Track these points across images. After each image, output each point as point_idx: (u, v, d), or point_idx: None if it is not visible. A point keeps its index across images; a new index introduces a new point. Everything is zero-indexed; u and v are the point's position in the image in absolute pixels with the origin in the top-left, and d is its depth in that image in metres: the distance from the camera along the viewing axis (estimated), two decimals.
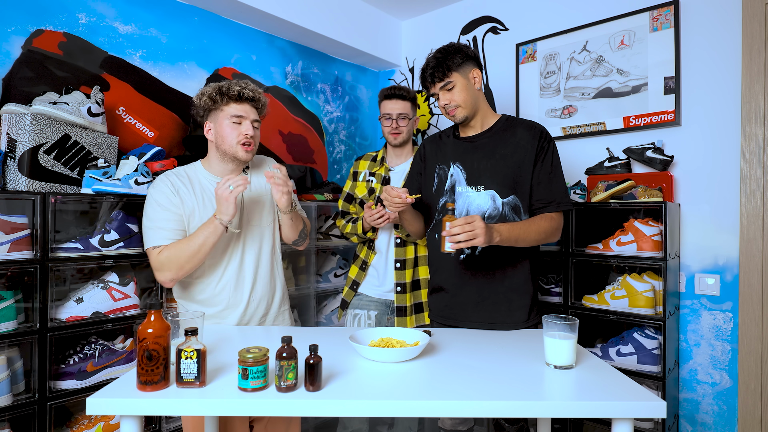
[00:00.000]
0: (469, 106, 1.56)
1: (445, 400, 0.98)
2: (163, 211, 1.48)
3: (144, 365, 0.99)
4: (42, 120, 1.61)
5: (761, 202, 1.93)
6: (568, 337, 1.15)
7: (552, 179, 1.54)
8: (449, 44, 1.59)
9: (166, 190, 1.50)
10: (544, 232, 1.49)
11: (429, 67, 1.56)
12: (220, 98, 1.52)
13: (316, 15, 2.64)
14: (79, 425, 1.67)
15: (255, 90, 1.56)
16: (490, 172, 1.55)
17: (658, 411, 0.96)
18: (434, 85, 1.56)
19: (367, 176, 2.11)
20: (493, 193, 1.54)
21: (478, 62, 1.59)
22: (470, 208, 1.57)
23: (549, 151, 1.54)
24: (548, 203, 1.53)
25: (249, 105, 1.55)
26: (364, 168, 2.13)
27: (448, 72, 1.53)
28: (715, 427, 2.04)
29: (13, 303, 1.51)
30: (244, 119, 1.53)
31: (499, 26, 2.76)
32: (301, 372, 1.05)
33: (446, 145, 1.67)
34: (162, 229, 1.47)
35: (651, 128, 2.20)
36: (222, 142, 1.53)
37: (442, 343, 1.37)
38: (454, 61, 1.53)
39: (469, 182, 1.58)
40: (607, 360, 2.00)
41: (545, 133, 1.56)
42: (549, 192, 1.53)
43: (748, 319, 1.93)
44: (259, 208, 1.64)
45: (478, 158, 1.58)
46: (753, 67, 1.94)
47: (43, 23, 1.86)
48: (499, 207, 1.54)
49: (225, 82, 1.56)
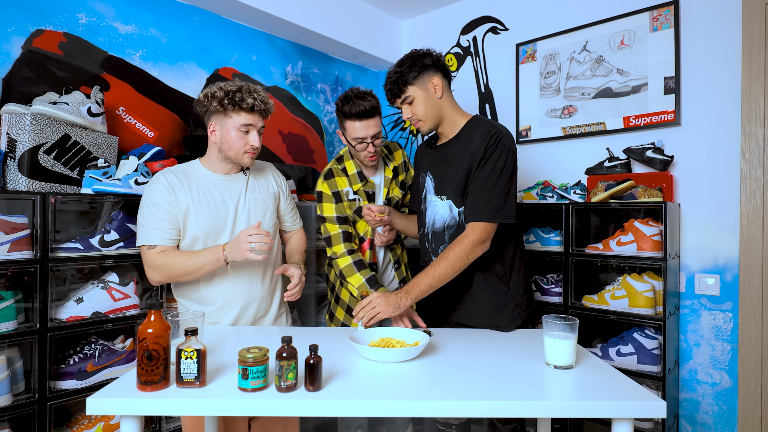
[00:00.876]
0: (430, 118, 1.54)
1: (445, 400, 0.98)
2: (157, 209, 1.49)
3: (144, 365, 0.99)
4: (42, 120, 1.61)
5: (761, 202, 1.93)
6: (568, 337, 1.15)
7: (483, 187, 1.44)
8: (408, 54, 1.53)
9: (161, 188, 1.50)
10: (459, 260, 1.42)
11: (387, 83, 1.54)
12: (231, 107, 1.49)
13: (316, 15, 2.64)
14: (79, 425, 1.66)
15: (266, 101, 1.55)
16: (450, 182, 1.54)
17: (658, 411, 0.96)
18: (395, 101, 1.56)
19: (351, 194, 1.81)
20: (450, 202, 1.54)
21: (440, 68, 1.53)
22: (435, 217, 1.59)
23: (492, 158, 1.44)
24: (470, 214, 1.46)
25: (258, 114, 1.54)
26: (343, 186, 1.80)
27: (404, 87, 1.51)
28: (715, 427, 2.04)
29: (13, 303, 1.51)
30: (252, 128, 1.53)
31: (499, 26, 2.76)
32: (301, 372, 1.05)
33: (426, 154, 1.69)
34: (155, 229, 1.48)
35: (651, 128, 2.20)
36: (228, 148, 1.53)
37: (442, 343, 1.37)
38: (410, 74, 1.49)
39: (436, 192, 1.59)
40: (607, 360, 2.00)
41: (495, 138, 1.45)
42: (476, 199, 1.45)
43: (748, 319, 1.93)
44: (261, 210, 1.64)
45: (444, 167, 1.57)
46: (753, 67, 1.94)
47: (43, 23, 1.86)
48: (456, 216, 1.54)
49: (234, 85, 1.51)
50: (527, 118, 2.61)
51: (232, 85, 1.51)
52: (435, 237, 1.60)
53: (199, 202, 1.53)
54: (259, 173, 1.70)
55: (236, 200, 1.59)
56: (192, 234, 1.52)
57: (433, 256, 1.60)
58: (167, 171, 1.56)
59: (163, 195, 1.50)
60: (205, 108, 1.53)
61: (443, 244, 1.57)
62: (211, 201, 1.55)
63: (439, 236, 1.58)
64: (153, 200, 1.49)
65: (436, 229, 1.59)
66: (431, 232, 1.60)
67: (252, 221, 1.61)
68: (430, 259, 1.60)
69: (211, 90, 1.52)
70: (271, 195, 1.69)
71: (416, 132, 3.14)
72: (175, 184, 1.52)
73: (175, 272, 1.47)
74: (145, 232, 1.49)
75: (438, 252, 1.58)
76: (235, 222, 1.58)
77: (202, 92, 1.55)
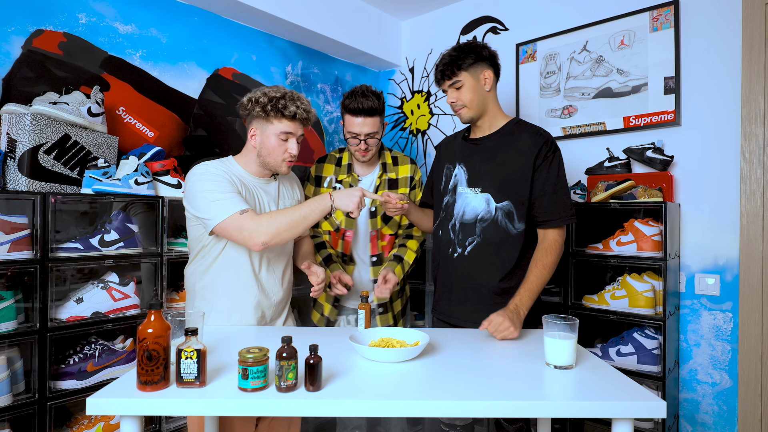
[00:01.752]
0: (474, 107, 1.57)
1: (445, 400, 0.98)
2: (225, 182, 1.45)
3: (144, 365, 0.99)
4: (42, 120, 1.61)
5: (761, 202, 1.93)
6: (568, 337, 1.15)
7: (557, 191, 1.51)
8: (466, 42, 1.59)
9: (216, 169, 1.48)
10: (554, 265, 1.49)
11: (440, 64, 1.58)
12: (274, 113, 1.49)
13: (316, 15, 2.64)
14: (79, 425, 1.67)
15: (308, 110, 1.54)
16: (488, 175, 1.56)
17: (658, 411, 0.96)
18: (444, 82, 1.59)
19: (333, 182, 1.91)
20: (488, 196, 1.55)
21: (493, 63, 1.58)
22: (466, 209, 1.59)
23: (554, 162, 1.52)
24: (551, 218, 1.51)
25: (299, 123, 1.54)
26: (329, 173, 1.94)
27: (458, 71, 1.55)
28: (715, 427, 2.04)
29: (13, 303, 1.51)
30: (291, 136, 1.53)
31: (499, 26, 2.76)
32: (301, 372, 1.05)
33: (456, 145, 1.70)
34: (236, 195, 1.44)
35: (651, 128, 2.20)
36: (267, 155, 1.53)
37: (442, 343, 1.37)
38: (466, 61, 1.54)
39: (469, 183, 1.59)
40: (607, 360, 2.00)
41: (550, 141, 1.53)
42: (554, 204, 1.51)
43: (748, 319, 1.93)
44: None
45: (480, 160, 1.59)
46: (753, 67, 1.94)
47: (43, 23, 1.86)
48: (492, 211, 1.55)
49: (278, 91, 1.51)
50: (527, 118, 2.59)
51: (277, 92, 1.50)
52: (463, 228, 1.60)
53: (249, 198, 1.52)
54: (286, 180, 1.73)
55: (269, 205, 1.60)
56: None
57: (458, 248, 1.60)
58: (213, 162, 1.53)
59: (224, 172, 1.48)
60: (248, 112, 1.53)
61: (473, 236, 1.57)
62: (252, 201, 1.54)
63: (469, 228, 1.59)
64: (217, 173, 1.47)
65: (466, 220, 1.59)
66: (459, 224, 1.61)
67: None
68: (454, 250, 1.61)
69: (255, 95, 1.51)
70: (296, 203, 1.72)
71: (416, 132, 3.15)
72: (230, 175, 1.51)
73: (282, 225, 1.41)
74: (227, 201, 1.41)
75: (465, 244, 1.59)
76: None
77: (246, 96, 1.53)
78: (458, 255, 1.60)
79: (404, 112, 3.22)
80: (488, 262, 1.55)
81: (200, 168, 1.50)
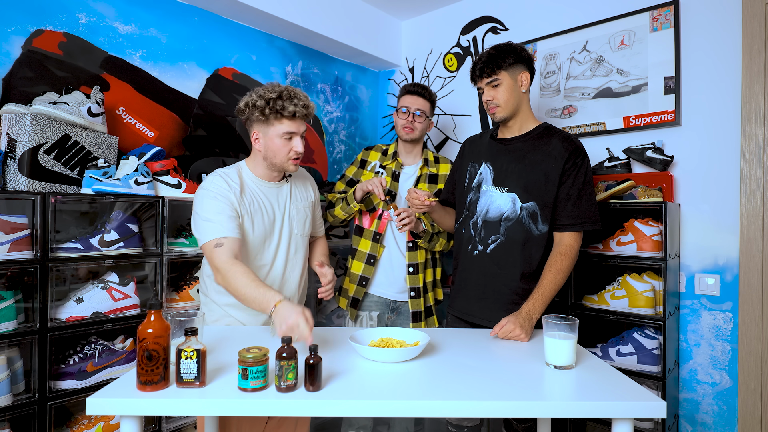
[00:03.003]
0: (509, 107, 1.59)
1: (445, 400, 0.98)
2: (220, 201, 1.44)
3: (144, 365, 0.99)
4: (42, 120, 1.61)
5: (761, 202, 1.93)
6: (568, 337, 1.15)
7: (582, 196, 1.53)
8: (506, 43, 1.61)
9: (222, 184, 1.47)
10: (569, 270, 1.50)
11: (480, 62, 1.60)
12: (273, 115, 1.46)
13: (316, 15, 2.64)
14: (79, 425, 1.67)
15: (307, 105, 1.50)
16: (515, 175, 1.57)
17: (658, 411, 0.96)
18: (481, 80, 1.61)
19: (377, 167, 2.07)
20: (515, 196, 1.56)
21: (530, 66, 1.61)
22: (490, 207, 1.60)
23: (582, 168, 1.54)
24: (573, 222, 1.52)
25: (300, 120, 1.51)
26: (374, 159, 2.10)
27: (497, 70, 1.57)
28: (715, 427, 2.04)
29: (13, 303, 1.51)
30: (295, 135, 1.51)
31: (499, 26, 2.76)
32: (301, 372, 1.05)
33: (482, 144, 1.72)
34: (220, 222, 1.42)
35: (651, 128, 2.20)
36: (272, 156, 1.52)
37: (442, 343, 1.37)
38: (506, 60, 1.56)
39: (495, 182, 1.61)
40: (607, 360, 2.00)
41: (580, 149, 1.55)
42: (577, 210, 1.52)
43: (748, 319, 1.93)
44: (302, 219, 1.67)
45: (508, 160, 1.60)
46: (753, 67, 1.94)
47: (43, 23, 1.86)
48: (517, 210, 1.56)
49: (273, 91, 1.47)
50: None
51: (272, 92, 1.46)
52: (486, 226, 1.61)
53: (253, 209, 1.52)
54: (299, 181, 1.71)
55: (282, 209, 1.60)
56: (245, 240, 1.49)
57: (479, 246, 1.61)
58: (223, 173, 1.52)
59: (225, 189, 1.46)
60: (246, 117, 1.51)
61: (495, 234, 1.59)
62: (263, 209, 1.55)
63: (492, 226, 1.59)
64: (214, 192, 1.45)
65: (489, 219, 1.60)
66: (482, 221, 1.62)
67: (294, 230, 1.63)
68: (475, 247, 1.62)
69: (251, 99, 1.48)
70: (309, 203, 1.71)
71: None
72: (235, 187, 1.49)
73: (229, 287, 1.39)
74: (210, 226, 1.41)
75: (487, 242, 1.60)
76: (281, 230, 1.60)
77: (242, 101, 1.51)
78: (479, 252, 1.61)
79: None
80: (511, 262, 1.56)
81: (207, 182, 1.50)
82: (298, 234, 1.65)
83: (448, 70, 2.98)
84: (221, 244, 1.39)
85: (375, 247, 1.99)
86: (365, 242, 2.02)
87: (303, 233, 1.67)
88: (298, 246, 1.65)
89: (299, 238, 1.66)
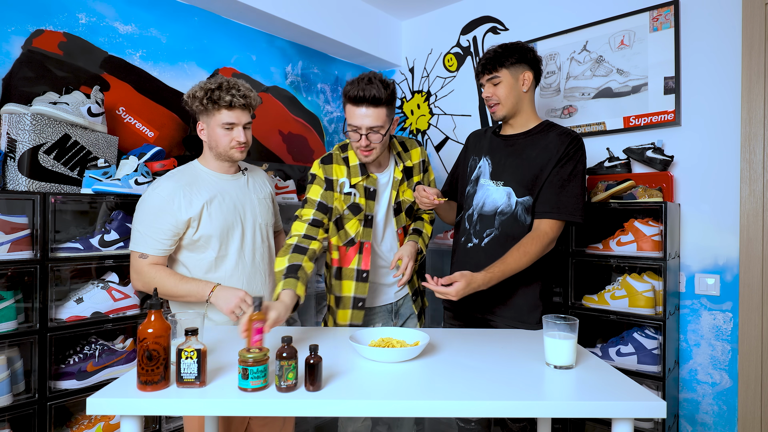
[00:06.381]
0: (508, 105, 1.60)
1: (445, 400, 0.98)
2: (158, 217, 1.46)
3: (144, 365, 0.99)
4: (42, 120, 1.61)
5: (761, 202, 1.93)
6: (568, 337, 1.15)
7: (566, 186, 1.51)
8: (514, 42, 1.62)
9: (166, 194, 1.48)
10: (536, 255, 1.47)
11: (483, 58, 1.62)
12: (211, 105, 1.50)
13: (316, 15, 2.64)
14: (79, 425, 1.66)
15: (246, 95, 1.52)
16: (512, 170, 1.58)
17: (658, 411, 0.96)
18: (483, 76, 1.62)
19: (348, 187, 1.62)
20: (510, 190, 1.57)
21: (535, 67, 1.61)
22: (486, 200, 1.61)
23: (573, 159, 1.52)
24: (550, 210, 1.51)
25: (240, 110, 1.53)
26: (341, 176, 1.62)
27: (498, 67, 1.58)
28: (715, 427, 2.04)
29: (13, 303, 1.51)
30: (235, 125, 1.53)
31: (499, 26, 2.76)
32: (301, 372, 1.05)
33: (485, 139, 1.73)
34: (151, 238, 1.47)
35: (651, 128, 2.20)
36: (216, 146, 1.55)
37: (442, 343, 1.37)
38: (509, 59, 1.57)
39: (492, 176, 1.62)
40: (607, 360, 2.00)
41: (576, 140, 1.54)
42: (556, 198, 1.51)
43: (748, 319, 1.93)
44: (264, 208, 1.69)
45: (507, 155, 1.62)
46: (753, 67, 1.94)
47: (43, 23, 1.86)
48: (512, 205, 1.56)
49: (214, 82, 1.51)
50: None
51: (212, 83, 1.51)
52: (481, 220, 1.61)
53: (211, 203, 1.54)
54: (255, 174, 1.75)
55: (243, 199, 1.62)
56: (206, 233, 1.52)
57: (474, 239, 1.61)
58: (171, 176, 1.54)
59: (167, 201, 1.47)
60: (190, 108, 1.55)
61: (490, 228, 1.59)
62: (221, 200, 1.56)
63: (487, 220, 1.60)
64: (156, 206, 1.47)
65: (485, 212, 1.61)
66: (478, 215, 1.62)
67: (259, 218, 1.65)
68: (469, 240, 1.63)
69: (192, 90, 1.53)
70: (268, 195, 1.75)
71: (416, 132, 3.14)
72: (184, 187, 1.51)
73: (159, 287, 1.44)
74: (140, 238, 1.48)
75: (482, 235, 1.60)
76: (244, 219, 1.61)
77: (187, 92, 1.56)
78: (473, 245, 1.61)
79: (404, 112, 3.22)
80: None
81: (149, 192, 1.51)
82: (263, 223, 1.67)
83: (448, 70, 2.98)
84: (146, 257, 1.48)
85: (361, 287, 1.65)
86: (347, 284, 1.66)
87: (268, 222, 1.70)
88: (264, 236, 1.67)
89: (264, 228, 1.68)
